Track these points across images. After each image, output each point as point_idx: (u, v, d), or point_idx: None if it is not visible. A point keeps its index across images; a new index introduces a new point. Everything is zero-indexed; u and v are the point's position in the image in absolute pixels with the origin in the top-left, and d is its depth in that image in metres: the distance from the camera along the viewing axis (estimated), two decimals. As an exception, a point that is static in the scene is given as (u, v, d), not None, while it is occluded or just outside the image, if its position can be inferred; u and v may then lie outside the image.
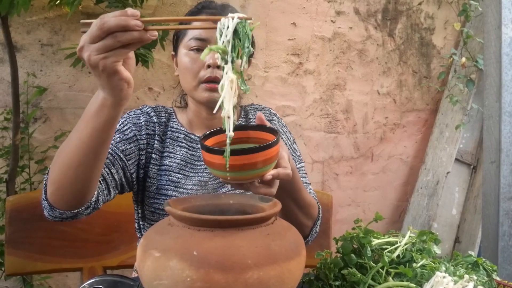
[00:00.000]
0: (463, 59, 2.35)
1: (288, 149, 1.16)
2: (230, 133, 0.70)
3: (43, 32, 1.87)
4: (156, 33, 0.66)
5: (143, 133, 1.05)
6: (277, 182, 0.81)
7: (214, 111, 0.74)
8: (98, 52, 0.65)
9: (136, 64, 1.73)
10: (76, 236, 1.28)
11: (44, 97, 1.89)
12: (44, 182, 0.87)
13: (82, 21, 0.69)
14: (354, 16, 2.54)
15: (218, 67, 1.00)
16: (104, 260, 1.31)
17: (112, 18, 0.64)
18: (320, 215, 1.10)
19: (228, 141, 0.70)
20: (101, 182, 0.93)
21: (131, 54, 0.72)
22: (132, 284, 0.82)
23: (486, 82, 1.92)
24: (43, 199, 0.86)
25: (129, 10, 0.65)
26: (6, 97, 1.81)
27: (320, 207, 1.12)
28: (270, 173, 0.75)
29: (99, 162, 0.81)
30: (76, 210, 0.85)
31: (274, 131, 0.78)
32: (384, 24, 2.63)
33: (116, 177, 0.97)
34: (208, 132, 0.83)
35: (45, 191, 0.85)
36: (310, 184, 1.17)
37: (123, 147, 1.00)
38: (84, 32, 0.68)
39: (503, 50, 1.84)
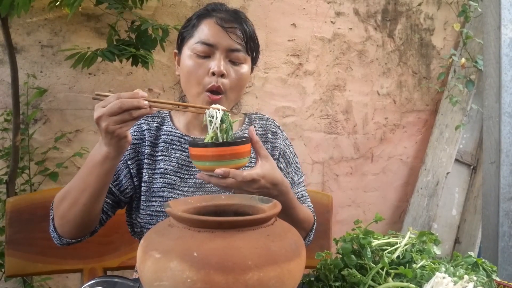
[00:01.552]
0: (463, 60, 2.36)
1: (291, 162, 1.18)
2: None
3: (43, 34, 1.87)
4: (155, 108, 0.86)
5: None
6: (231, 179, 0.85)
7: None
8: (116, 123, 0.81)
9: (136, 65, 1.75)
10: (76, 237, 1.28)
11: (44, 98, 1.89)
12: (50, 216, 0.99)
13: (96, 92, 0.87)
14: (354, 17, 2.54)
15: (223, 75, 1.00)
16: (104, 261, 1.31)
17: (129, 99, 0.81)
18: (314, 227, 1.13)
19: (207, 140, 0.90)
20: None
21: None
22: (132, 285, 0.83)
23: (485, 83, 1.92)
24: (52, 230, 0.99)
25: (140, 92, 0.83)
26: (6, 98, 1.82)
27: (316, 219, 1.14)
28: (222, 169, 0.83)
29: (100, 200, 0.95)
30: (80, 238, 1.00)
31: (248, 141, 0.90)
32: (384, 25, 2.63)
33: (108, 201, 1.05)
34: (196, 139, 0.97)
35: (53, 224, 0.98)
36: (308, 197, 1.19)
37: None
38: (96, 99, 0.85)
39: (502, 50, 1.84)
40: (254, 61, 1.12)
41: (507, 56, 1.84)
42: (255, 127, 1.16)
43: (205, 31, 1.02)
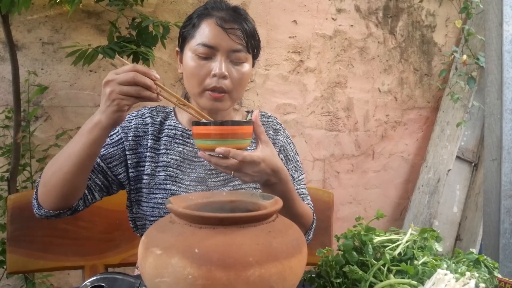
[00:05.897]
0: (464, 57, 2.35)
1: (291, 160, 1.19)
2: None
3: (44, 31, 1.87)
4: (161, 97, 0.88)
5: (130, 135, 1.07)
6: (231, 160, 0.84)
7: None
8: (121, 93, 0.82)
9: (137, 62, 1.75)
10: (77, 234, 1.28)
11: (45, 96, 1.89)
12: (37, 183, 0.99)
13: (117, 56, 0.89)
14: (355, 14, 2.54)
15: (224, 77, 1.01)
16: (105, 258, 1.31)
17: (144, 77, 0.83)
18: (313, 225, 1.13)
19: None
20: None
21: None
22: (133, 281, 0.83)
23: (487, 80, 1.92)
24: (34, 198, 0.99)
25: (154, 73, 0.85)
26: (7, 95, 1.82)
27: (315, 218, 1.14)
28: (222, 148, 0.82)
29: (84, 172, 0.94)
30: (58, 212, 0.98)
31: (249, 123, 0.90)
32: (385, 21, 2.63)
33: (97, 181, 1.04)
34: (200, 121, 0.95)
35: (36, 191, 0.98)
36: (308, 195, 1.19)
37: (104, 151, 1.05)
38: (114, 65, 0.81)
39: (504, 47, 1.83)
40: (255, 57, 1.12)
41: (508, 53, 1.84)
42: None
43: (206, 32, 1.02)
